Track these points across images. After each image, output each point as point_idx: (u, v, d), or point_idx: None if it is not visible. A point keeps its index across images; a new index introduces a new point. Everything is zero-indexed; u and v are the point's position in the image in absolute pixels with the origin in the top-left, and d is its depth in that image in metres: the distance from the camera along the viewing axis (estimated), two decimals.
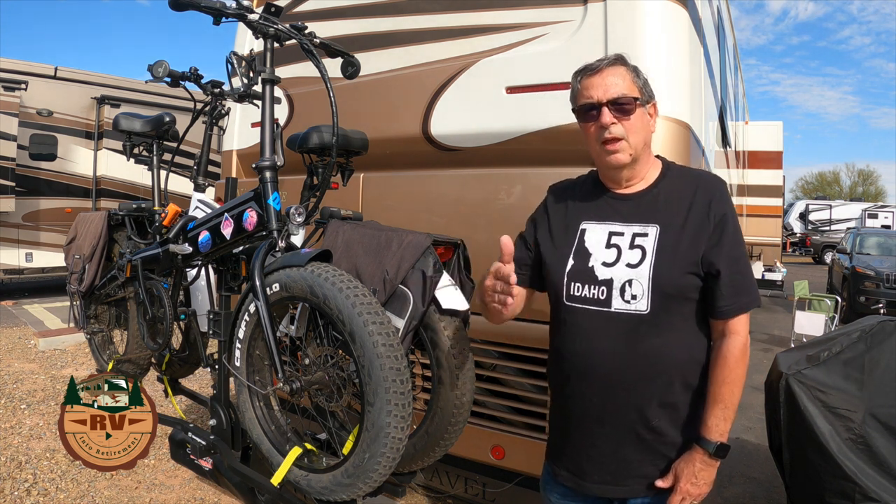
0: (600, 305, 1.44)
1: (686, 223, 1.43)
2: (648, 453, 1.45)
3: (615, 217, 1.50)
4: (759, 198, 7.64)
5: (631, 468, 1.46)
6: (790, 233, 25.65)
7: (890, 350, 2.75)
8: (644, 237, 1.44)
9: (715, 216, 1.42)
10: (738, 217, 1.49)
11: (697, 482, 1.41)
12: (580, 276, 1.48)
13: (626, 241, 1.45)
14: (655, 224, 1.45)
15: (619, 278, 1.43)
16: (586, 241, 1.51)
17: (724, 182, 1.53)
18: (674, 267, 1.40)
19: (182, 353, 2.49)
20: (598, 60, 1.50)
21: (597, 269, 1.46)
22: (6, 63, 8.97)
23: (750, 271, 1.46)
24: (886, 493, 2.49)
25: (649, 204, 1.48)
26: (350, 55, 1.87)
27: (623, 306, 1.42)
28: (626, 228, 1.47)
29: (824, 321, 6.96)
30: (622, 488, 1.48)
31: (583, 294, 1.47)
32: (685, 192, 1.47)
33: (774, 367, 3.05)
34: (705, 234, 1.41)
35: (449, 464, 2.85)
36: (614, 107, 1.44)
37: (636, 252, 1.43)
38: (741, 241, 1.45)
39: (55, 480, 3.48)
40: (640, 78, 1.50)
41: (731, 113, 5.24)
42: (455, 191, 2.67)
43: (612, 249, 1.46)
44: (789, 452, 2.90)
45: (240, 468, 1.91)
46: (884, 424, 2.62)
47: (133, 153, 2.56)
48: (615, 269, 1.44)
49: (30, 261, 9.40)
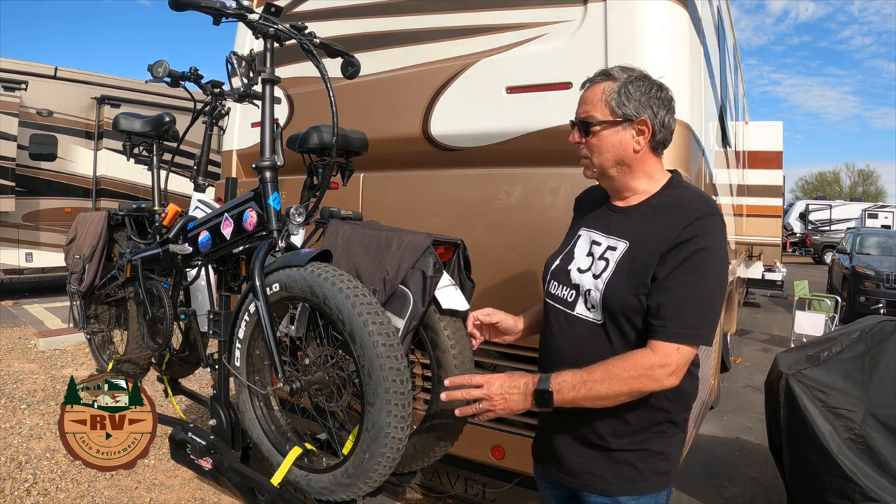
0: (567, 307, 1.52)
1: (654, 242, 1.39)
2: (598, 452, 1.49)
3: (602, 227, 1.53)
4: (759, 198, 7.63)
5: (582, 463, 1.51)
6: (790, 233, 25.65)
7: (890, 350, 2.75)
8: (613, 251, 1.46)
9: (679, 237, 1.35)
10: (717, 252, 1.37)
11: (504, 393, 1.38)
12: (559, 276, 1.57)
13: (599, 251, 1.49)
14: (626, 240, 1.45)
15: (584, 285, 1.48)
16: (576, 245, 1.58)
17: (715, 210, 1.42)
18: (626, 285, 1.40)
19: (182, 353, 2.49)
20: (595, 73, 1.52)
21: (572, 273, 1.53)
22: (6, 63, 8.97)
23: (698, 303, 1.35)
24: (886, 493, 2.49)
25: (632, 220, 1.48)
26: (350, 55, 1.87)
27: (583, 312, 1.48)
28: (605, 240, 1.50)
29: (824, 321, 6.96)
30: (576, 480, 1.53)
31: (557, 293, 1.56)
32: (668, 211, 1.43)
33: (774, 367, 3.05)
34: (665, 259, 1.36)
35: (449, 464, 2.85)
36: (581, 127, 1.48)
37: (601, 263, 1.46)
38: (702, 273, 1.35)
39: (55, 480, 3.48)
40: (622, 95, 1.43)
41: (731, 113, 5.24)
42: (455, 191, 2.67)
43: (589, 258, 1.51)
44: (789, 452, 2.90)
45: (240, 468, 1.91)
46: (884, 424, 2.62)
47: (133, 153, 2.56)
48: (584, 276, 1.49)
49: (30, 261, 9.40)
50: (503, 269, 2.44)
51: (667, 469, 1.50)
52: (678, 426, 1.52)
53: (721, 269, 1.40)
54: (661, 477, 1.49)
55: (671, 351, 1.33)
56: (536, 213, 2.43)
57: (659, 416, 1.46)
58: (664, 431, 1.48)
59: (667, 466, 1.50)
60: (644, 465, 1.47)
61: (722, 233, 1.42)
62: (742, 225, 6.81)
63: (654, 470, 1.48)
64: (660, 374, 1.33)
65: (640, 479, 1.47)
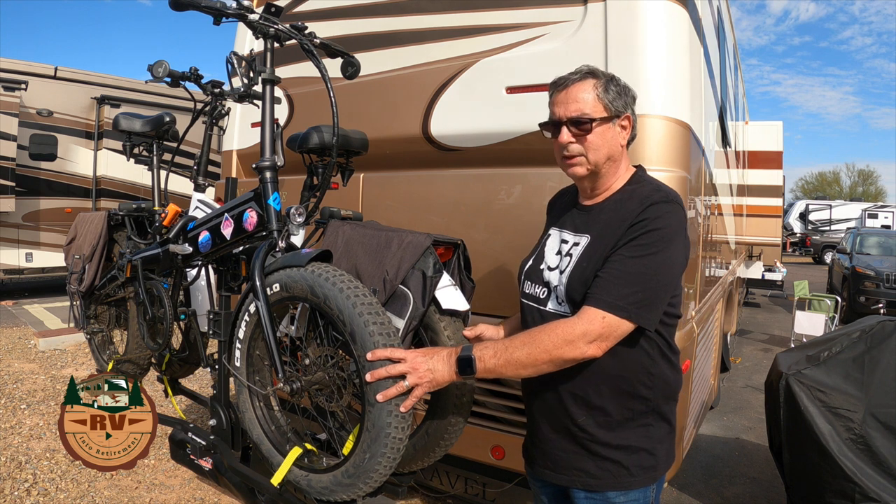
0: (539, 304, 1.57)
1: (609, 235, 1.44)
2: (582, 448, 1.51)
3: (570, 226, 1.59)
4: (760, 198, 7.64)
5: (568, 459, 1.53)
6: (790, 233, 25.64)
7: (890, 350, 2.75)
8: (576, 246, 1.51)
9: (631, 225, 1.39)
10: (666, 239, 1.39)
11: (428, 364, 1.37)
12: (531, 276, 1.62)
13: (566, 248, 1.54)
14: (588, 235, 1.50)
15: (553, 282, 1.53)
16: (546, 245, 1.63)
17: (673, 201, 1.44)
18: (583, 276, 1.44)
19: (182, 353, 2.49)
20: (570, 73, 1.53)
21: (544, 272, 1.57)
22: (6, 63, 8.97)
23: (631, 280, 1.37)
24: (886, 493, 2.49)
25: (596, 215, 1.53)
26: (350, 55, 1.87)
27: (554, 308, 1.52)
28: (571, 237, 1.56)
29: (824, 321, 6.96)
30: (563, 477, 1.55)
31: (530, 292, 1.61)
32: (627, 204, 1.47)
33: (774, 367, 3.05)
34: (617, 243, 1.41)
35: (449, 464, 2.85)
36: (574, 125, 1.48)
37: (566, 259, 1.51)
38: (645, 255, 1.37)
39: (55, 480, 3.48)
40: (611, 92, 1.48)
41: (731, 113, 5.24)
42: (455, 191, 2.67)
43: (557, 256, 1.56)
44: (789, 452, 2.90)
45: (240, 468, 1.91)
46: (884, 424, 2.62)
47: (133, 153, 2.56)
48: (553, 273, 1.54)
49: (30, 261, 9.40)
50: (503, 269, 2.44)
51: (653, 464, 1.51)
52: (663, 418, 1.53)
53: (670, 253, 1.40)
54: (648, 472, 1.51)
55: (595, 317, 1.35)
56: (536, 213, 2.41)
57: (639, 404, 1.48)
58: (649, 424, 1.50)
59: (652, 461, 1.51)
60: (629, 460, 1.48)
61: (676, 219, 1.43)
62: (742, 225, 6.81)
63: (640, 465, 1.49)
64: (580, 341, 1.34)
65: (626, 474, 1.48)
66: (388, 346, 1.38)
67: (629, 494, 1.49)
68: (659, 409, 1.51)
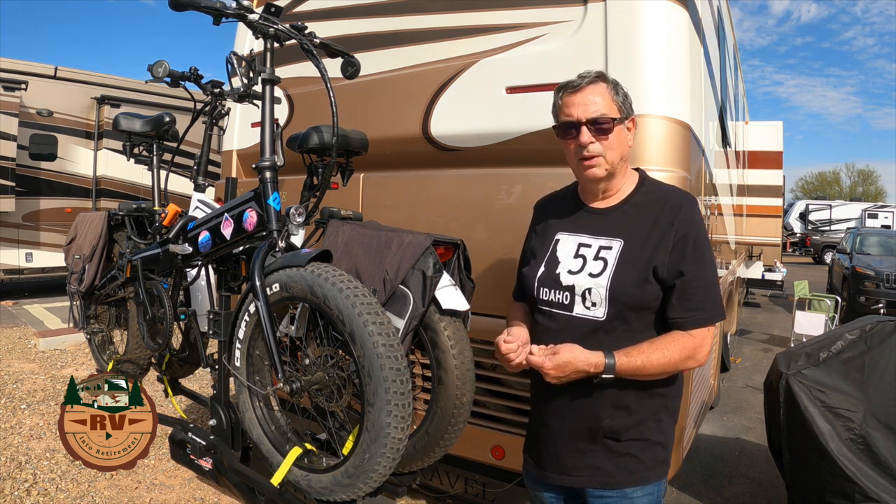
0: (564, 309, 1.55)
1: (649, 238, 1.49)
2: (601, 446, 1.52)
3: (586, 230, 1.58)
4: (760, 198, 7.64)
5: (584, 458, 1.54)
6: (790, 233, 25.63)
7: (890, 350, 2.75)
8: (608, 250, 1.52)
9: (677, 232, 1.48)
10: (705, 234, 1.54)
11: (573, 360, 1.42)
12: (548, 282, 1.59)
13: (592, 252, 1.54)
14: (620, 238, 1.52)
15: (580, 286, 1.52)
16: (558, 250, 1.61)
17: (694, 199, 1.57)
18: (631, 279, 1.47)
19: (182, 353, 2.49)
20: (579, 77, 1.54)
21: (562, 276, 1.56)
22: (6, 63, 8.97)
23: (712, 288, 1.50)
24: (886, 494, 2.49)
25: (619, 219, 1.56)
26: (350, 55, 1.87)
27: (583, 312, 1.52)
28: (595, 241, 1.55)
29: (824, 321, 6.96)
30: (576, 478, 1.55)
31: (550, 298, 1.58)
32: (652, 208, 1.53)
33: (774, 367, 3.04)
34: (665, 249, 1.47)
35: (449, 464, 2.85)
36: (593, 126, 1.50)
37: (599, 263, 1.52)
38: (704, 258, 1.50)
39: (55, 480, 3.48)
40: (620, 94, 1.54)
41: (731, 113, 5.24)
42: (455, 191, 2.67)
43: (579, 259, 1.56)
44: (789, 452, 2.90)
45: (240, 468, 1.91)
46: (884, 424, 2.62)
47: (133, 153, 2.56)
48: (578, 276, 1.53)
49: (30, 261, 9.40)
50: (503, 269, 2.44)
51: (665, 457, 1.55)
52: (671, 414, 1.58)
53: (708, 244, 1.55)
54: (662, 466, 1.54)
55: (708, 335, 1.49)
56: None
57: (657, 400, 1.52)
58: (660, 419, 1.54)
59: (665, 455, 1.55)
60: (645, 455, 1.51)
61: (702, 217, 1.58)
62: (742, 225, 6.81)
63: (655, 459, 1.53)
64: (701, 355, 1.48)
65: (643, 468, 1.51)
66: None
67: (646, 489, 1.52)
68: (671, 404, 1.56)
